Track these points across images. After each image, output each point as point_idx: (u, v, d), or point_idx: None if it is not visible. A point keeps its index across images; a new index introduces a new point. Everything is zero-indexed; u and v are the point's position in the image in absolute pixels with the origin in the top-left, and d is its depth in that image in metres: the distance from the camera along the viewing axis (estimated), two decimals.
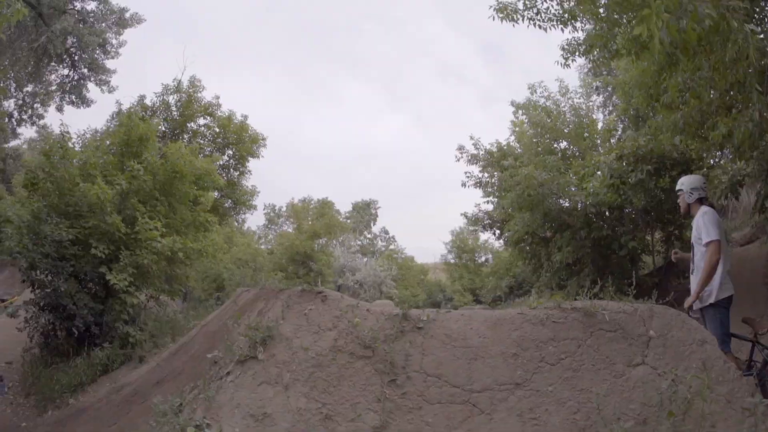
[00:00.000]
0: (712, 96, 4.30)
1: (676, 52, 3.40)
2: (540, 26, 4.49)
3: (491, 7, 4.64)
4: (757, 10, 3.40)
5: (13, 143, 18.55)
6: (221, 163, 11.18)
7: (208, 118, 11.70)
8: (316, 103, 72.01)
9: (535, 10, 4.45)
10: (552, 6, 4.38)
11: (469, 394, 2.00)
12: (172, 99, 11.45)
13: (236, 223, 13.64)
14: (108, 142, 9.00)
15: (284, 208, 22.86)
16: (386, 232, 27.69)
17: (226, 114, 11.65)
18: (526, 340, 2.18)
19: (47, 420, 6.59)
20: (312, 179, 57.64)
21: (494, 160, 8.80)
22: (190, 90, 11.51)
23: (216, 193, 10.35)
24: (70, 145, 8.43)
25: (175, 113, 11.32)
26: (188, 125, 11.41)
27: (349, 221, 22.39)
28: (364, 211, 26.91)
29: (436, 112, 74.86)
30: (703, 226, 3.15)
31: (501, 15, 4.59)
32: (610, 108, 13.84)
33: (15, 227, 8.02)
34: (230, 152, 11.65)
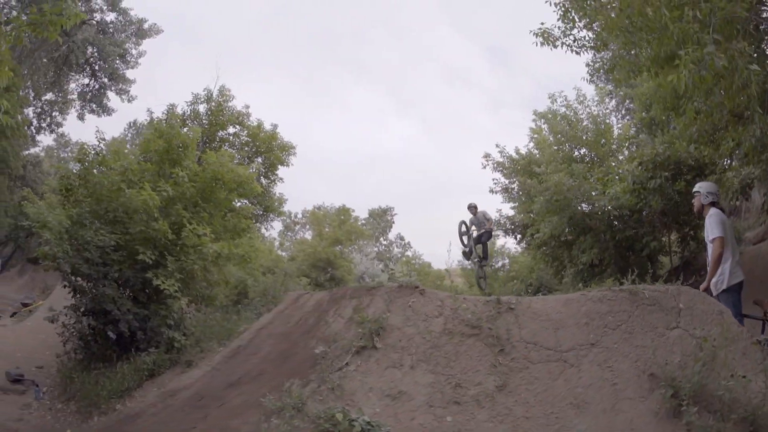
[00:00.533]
0: (722, 114, 5.18)
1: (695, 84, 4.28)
2: (576, 52, 5.36)
3: (531, 31, 5.46)
4: (757, 49, 4.29)
5: (32, 151, 19.34)
6: (251, 171, 11.81)
7: (238, 126, 12.43)
8: (322, 109, 73.22)
9: (572, 38, 5.31)
10: (588, 35, 5.25)
11: (560, 354, 2.84)
12: (202, 108, 12.18)
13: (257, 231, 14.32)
14: (128, 148, 9.43)
15: (299, 215, 23.70)
16: (401, 239, 28.70)
17: (256, 123, 12.41)
18: (592, 313, 3.03)
19: (93, 426, 6.57)
20: (319, 184, 58.37)
21: (519, 168, 9.64)
22: (220, 99, 12.25)
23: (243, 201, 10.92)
24: (105, 151, 8.87)
25: (205, 122, 12.05)
26: (218, 134, 12.15)
27: (365, 227, 23.22)
28: (380, 218, 27.79)
29: (442, 116, 76.19)
30: (708, 226, 4.00)
31: (541, 40, 5.41)
32: (623, 111, 14.81)
33: (55, 233, 8.17)
34: (259, 160, 12.39)
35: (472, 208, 9.21)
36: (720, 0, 3.71)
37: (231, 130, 12.48)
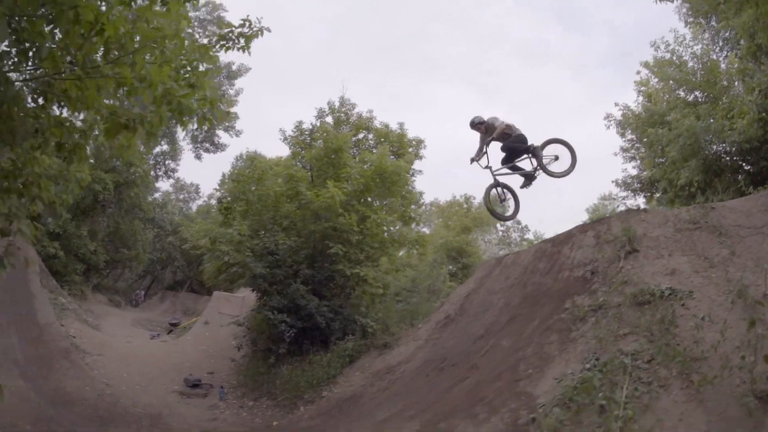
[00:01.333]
0: None
1: None
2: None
3: None
4: None
5: (156, 195, 23.68)
6: None
7: (364, 131, 14.19)
8: (401, 111, 76.64)
9: None
10: None
11: (758, 229, 4.80)
12: (329, 119, 14.22)
13: None
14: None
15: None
16: (518, 223, 30.17)
17: (382, 126, 14.23)
18: (766, 204, 4.88)
19: (302, 416, 7.13)
20: (418, 183, 61.70)
21: (641, 122, 10.77)
22: (344, 109, 14.30)
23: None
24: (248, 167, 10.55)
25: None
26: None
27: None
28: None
29: (527, 94, 77.52)
30: None
31: None
32: (720, 44, 15.35)
33: (234, 244, 9.67)
34: (393, 158, 13.02)
35: (478, 124, 6.60)
36: None
37: (360, 135, 14.19)
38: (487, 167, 6.40)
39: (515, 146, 6.30)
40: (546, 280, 5.72)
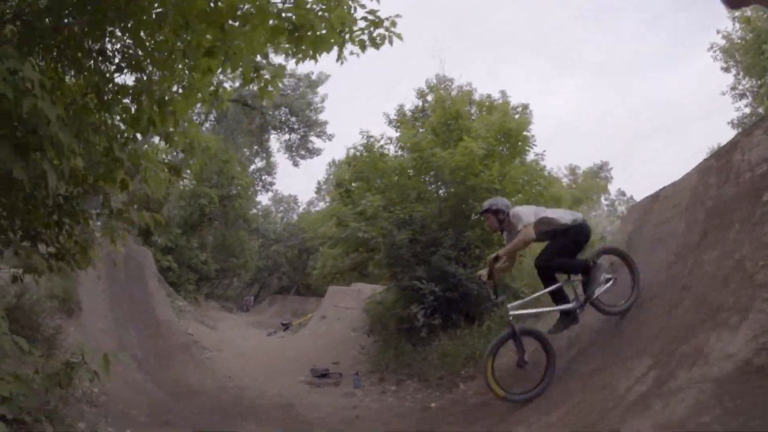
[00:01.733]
0: None
1: None
2: None
3: None
4: None
5: (259, 207, 26.13)
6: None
7: (468, 106, 13.74)
8: (480, 90, 77.72)
9: None
10: None
11: None
12: (430, 98, 14.82)
13: None
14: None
15: None
16: (623, 194, 29.49)
17: (483, 98, 14.49)
18: None
19: (464, 393, 6.64)
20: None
21: (750, 45, 10.44)
22: (442, 86, 15.05)
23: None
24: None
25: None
26: None
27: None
28: (597, 176, 27.33)
29: (604, 56, 76.34)
30: None
31: None
32: None
33: (366, 218, 9.65)
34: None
35: (486, 212, 4.77)
36: None
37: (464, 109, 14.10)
38: (497, 301, 4.53)
39: (570, 262, 4.35)
40: (726, 190, 5.71)
